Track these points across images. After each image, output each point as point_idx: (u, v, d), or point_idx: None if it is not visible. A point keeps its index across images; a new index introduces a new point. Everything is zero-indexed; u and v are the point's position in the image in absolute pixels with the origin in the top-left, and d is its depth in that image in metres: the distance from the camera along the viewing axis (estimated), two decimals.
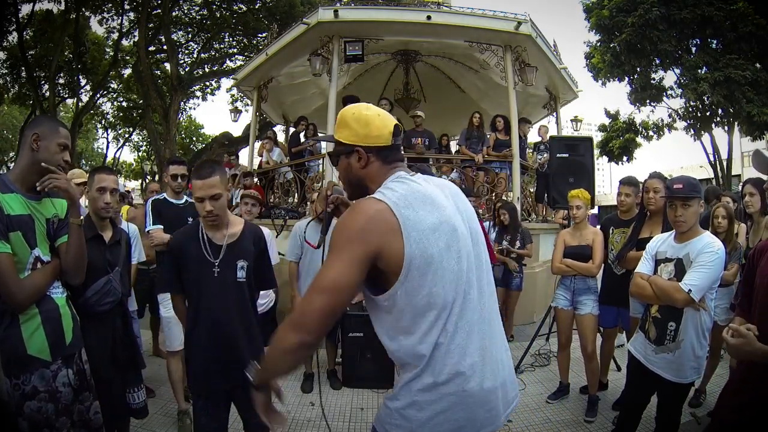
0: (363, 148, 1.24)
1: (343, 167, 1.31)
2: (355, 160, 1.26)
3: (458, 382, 1.13)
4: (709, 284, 2.07)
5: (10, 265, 1.58)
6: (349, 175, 1.30)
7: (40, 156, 1.69)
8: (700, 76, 13.40)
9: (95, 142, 32.27)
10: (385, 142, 1.25)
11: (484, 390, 1.16)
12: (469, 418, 1.15)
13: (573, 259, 3.24)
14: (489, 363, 1.19)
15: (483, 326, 1.20)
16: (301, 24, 6.29)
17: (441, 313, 1.13)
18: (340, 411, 3.30)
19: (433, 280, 1.12)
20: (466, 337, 1.15)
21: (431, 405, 1.13)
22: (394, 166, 1.27)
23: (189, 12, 17.35)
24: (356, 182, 1.29)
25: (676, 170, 24.98)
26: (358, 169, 1.26)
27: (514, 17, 6.23)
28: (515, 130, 6.55)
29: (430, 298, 1.12)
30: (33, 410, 1.61)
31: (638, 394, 2.40)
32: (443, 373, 1.13)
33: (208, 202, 1.90)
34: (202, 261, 1.97)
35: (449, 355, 1.13)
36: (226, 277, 1.98)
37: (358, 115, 1.26)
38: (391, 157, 1.27)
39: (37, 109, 17.42)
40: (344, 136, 1.27)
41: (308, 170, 6.83)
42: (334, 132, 1.31)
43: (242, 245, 2.06)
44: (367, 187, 1.27)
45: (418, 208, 1.14)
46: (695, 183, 2.18)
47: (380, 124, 1.25)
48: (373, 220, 1.11)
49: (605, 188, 42.97)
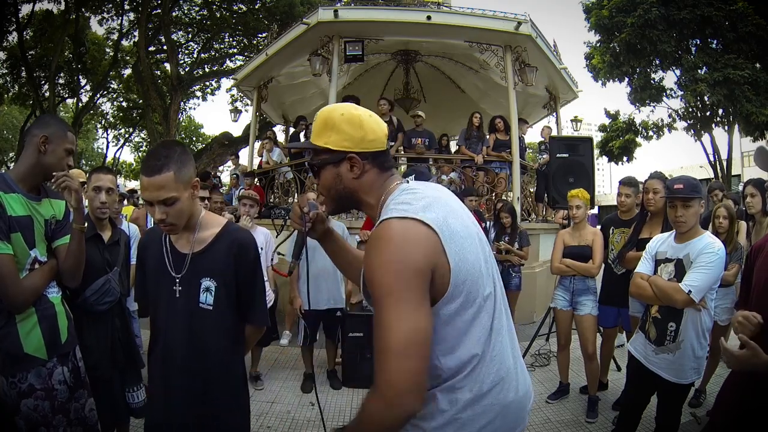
0: (358, 154, 1.07)
1: (328, 179, 1.11)
2: (347, 169, 1.08)
3: (499, 390, 1.05)
4: (710, 285, 2.06)
5: (11, 266, 1.59)
6: (337, 187, 1.10)
7: (47, 160, 1.70)
8: (700, 76, 13.42)
9: (95, 142, 32.28)
10: (381, 146, 1.10)
11: (519, 395, 1.10)
12: (508, 424, 1.09)
13: (572, 260, 3.24)
14: (520, 365, 1.14)
15: (510, 328, 1.13)
16: (301, 24, 6.30)
17: (483, 321, 1.04)
18: (340, 411, 3.30)
19: (475, 289, 1.01)
20: (502, 341, 1.08)
21: (475, 420, 1.03)
22: (390, 174, 1.12)
23: (189, 12, 17.37)
24: (345, 195, 1.11)
25: (676, 170, 24.98)
26: (350, 179, 1.09)
27: (514, 17, 6.23)
28: (515, 131, 6.55)
29: (474, 307, 1.02)
30: (29, 408, 1.62)
31: (638, 394, 2.40)
32: (486, 383, 1.03)
33: (157, 209, 1.37)
34: (161, 273, 1.49)
35: (492, 363, 1.04)
36: (188, 300, 1.46)
37: (348, 116, 1.08)
38: (387, 163, 1.12)
39: (37, 109, 17.43)
40: (333, 142, 1.07)
41: (308, 170, 6.82)
42: (316, 137, 1.10)
43: (212, 257, 1.49)
44: (360, 200, 1.12)
45: (447, 217, 1.01)
46: (695, 183, 2.18)
47: (374, 125, 1.09)
48: (419, 244, 0.95)
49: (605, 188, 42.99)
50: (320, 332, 3.76)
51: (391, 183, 1.10)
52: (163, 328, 1.49)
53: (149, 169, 1.36)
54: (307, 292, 2.13)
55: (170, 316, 1.47)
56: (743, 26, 12.93)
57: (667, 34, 13.65)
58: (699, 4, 13.10)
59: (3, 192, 1.62)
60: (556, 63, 7.15)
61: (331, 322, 3.71)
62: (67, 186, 1.70)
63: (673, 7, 13.31)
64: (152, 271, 1.53)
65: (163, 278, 1.48)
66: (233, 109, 13.12)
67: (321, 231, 1.32)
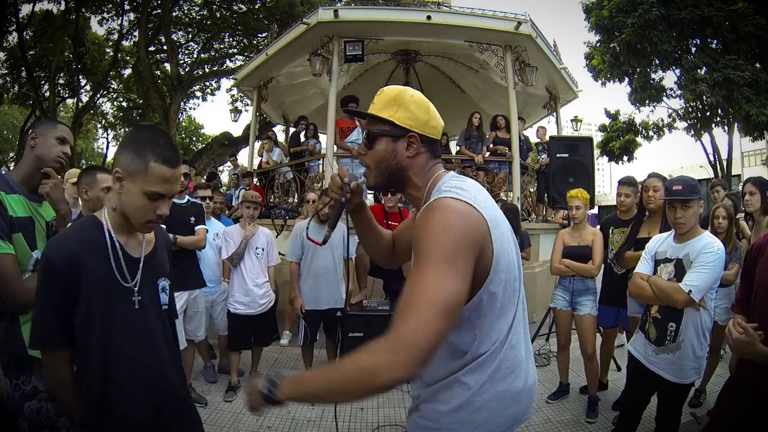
0: (419, 135, 1.12)
1: (382, 151, 1.14)
2: (404, 146, 1.12)
3: (513, 378, 1.10)
4: (710, 285, 2.07)
5: (13, 266, 1.59)
6: (389, 162, 1.14)
7: (38, 151, 1.71)
8: (700, 76, 13.40)
9: (95, 142, 32.27)
10: (437, 135, 1.17)
11: (528, 385, 1.15)
12: (517, 413, 1.14)
13: (572, 260, 3.24)
14: (531, 356, 1.20)
15: (526, 320, 1.19)
16: (301, 24, 6.29)
17: (511, 309, 1.10)
18: (340, 411, 3.30)
19: (511, 277, 1.08)
20: (520, 331, 1.14)
21: (488, 405, 1.08)
22: (438, 162, 1.19)
23: (189, 12, 17.37)
24: (396, 170, 1.14)
25: (676, 170, 24.99)
26: (405, 157, 1.13)
27: (514, 17, 6.23)
28: (515, 130, 6.55)
29: (508, 294, 1.07)
30: (33, 410, 1.61)
31: (638, 394, 2.40)
32: (502, 369, 1.09)
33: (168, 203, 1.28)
34: (113, 285, 1.25)
35: (511, 351, 1.10)
36: (147, 307, 1.31)
37: (418, 99, 1.15)
38: (438, 152, 1.19)
39: (37, 109, 17.44)
40: (398, 117, 1.12)
41: (308, 170, 6.83)
42: (380, 110, 1.14)
43: (161, 255, 1.42)
44: (407, 179, 1.16)
45: (490, 207, 1.07)
46: (694, 184, 2.18)
47: (436, 114, 1.17)
48: (473, 227, 0.99)
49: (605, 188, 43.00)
50: (320, 332, 3.76)
51: (438, 170, 1.17)
52: (124, 349, 1.25)
53: (176, 160, 1.23)
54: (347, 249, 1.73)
55: (133, 331, 1.26)
56: (743, 26, 12.92)
57: (667, 34, 13.63)
58: (699, 4, 13.09)
59: (4, 192, 1.62)
60: (556, 63, 7.15)
61: (331, 322, 3.71)
62: (42, 192, 1.68)
63: (673, 7, 13.29)
64: (97, 282, 1.22)
65: (116, 289, 1.25)
66: (233, 109, 13.13)
67: (356, 203, 1.32)
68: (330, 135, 6.18)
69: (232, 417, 3.15)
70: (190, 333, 3.30)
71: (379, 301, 3.93)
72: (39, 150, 1.71)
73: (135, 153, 1.20)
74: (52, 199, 1.69)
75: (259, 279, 3.57)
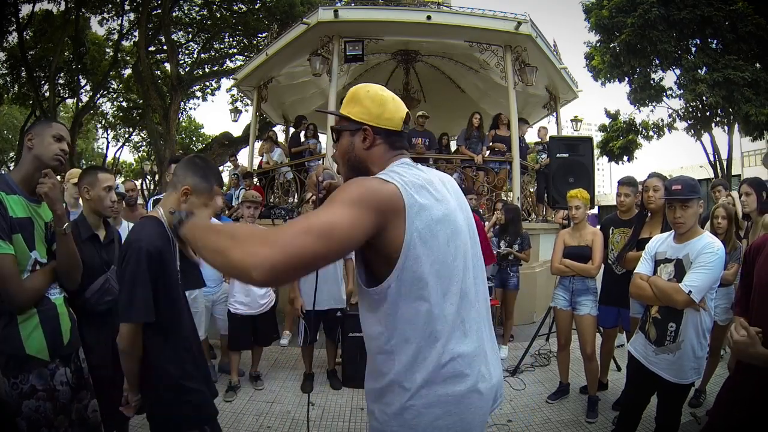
0: (372, 127, 1.18)
1: (344, 145, 1.23)
2: (360, 139, 1.19)
3: (458, 380, 1.08)
4: (710, 285, 2.06)
5: (12, 266, 1.59)
6: (350, 155, 1.22)
7: (36, 151, 1.72)
8: (699, 77, 13.40)
9: (95, 142, 32.27)
10: (395, 127, 1.21)
11: (481, 387, 1.11)
12: (470, 418, 1.10)
13: (572, 260, 3.24)
14: (488, 355, 1.17)
15: (482, 316, 1.19)
16: (301, 24, 6.30)
17: (447, 304, 1.08)
18: (340, 411, 3.30)
19: (429, 273, 1.05)
20: (469, 329, 1.12)
21: (428, 411, 1.07)
22: (399, 153, 1.22)
23: (189, 12, 17.36)
24: (356, 163, 1.21)
25: (676, 170, 24.99)
26: (361, 149, 1.20)
27: (514, 17, 6.24)
28: (515, 130, 6.55)
29: (433, 288, 1.06)
30: (31, 409, 1.62)
31: (638, 394, 2.40)
32: (440, 373, 1.07)
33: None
34: (173, 269, 1.65)
35: (453, 348, 1.08)
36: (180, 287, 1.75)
37: (373, 94, 1.21)
38: (398, 143, 1.22)
39: (37, 109, 17.43)
40: (354, 113, 1.20)
41: (308, 170, 6.83)
42: (343, 107, 1.24)
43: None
44: (368, 169, 1.20)
45: (424, 196, 1.08)
46: (694, 183, 2.18)
47: (393, 107, 1.21)
48: (382, 195, 1.03)
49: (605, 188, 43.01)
50: (320, 332, 3.76)
51: (396, 160, 1.20)
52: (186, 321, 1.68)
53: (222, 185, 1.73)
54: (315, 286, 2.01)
55: (180, 306, 1.65)
56: (743, 26, 12.91)
57: (667, 34, 13.63)
58: (699, 4, 13.08)
59: (4, 193, 1.63)
60: (556, 63, 7.15)
61: (331, 322, 3.72)
62: (39, 192, 1.69)
63: (673, 7, 13.29)
64: (173, 269, 1.62)
65: (174, 273, 1.64)
66: (233, 109, 13.12)
67: None
68: (330, 135, 6.17)
69: (232, 417, 3.15)
70: None
71: None
72: (37, 150, 1.72)
73: (203, 178, 1.61)
74: (50, 198, 1.69)
75: None
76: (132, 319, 1.48)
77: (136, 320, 1.48)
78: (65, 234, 1.74)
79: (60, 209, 1.72)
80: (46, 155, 1.72)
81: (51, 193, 1.68)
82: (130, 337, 1.50)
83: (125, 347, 1.50)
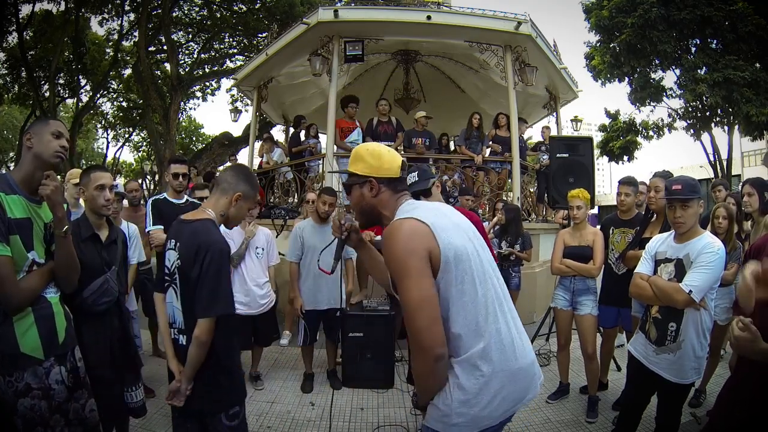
0: (375, 178, 1.42)
1: (356, 197, 1.47)
2: (368, 189, 1.43)
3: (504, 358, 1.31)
4: (710, 285, 2.06)
5: (9, 268, 1.59)
6: (362, 203, 1.46)
7: (36, 150, 1.71)
8: (699, 77, 13.40)
9: (95, 142, 32.28)
10: (394, 174, 1.44)
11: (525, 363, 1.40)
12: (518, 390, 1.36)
13: (573, 260, 3.23)
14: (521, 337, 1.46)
15: (508, 304, 1.41)
16: (301, 24, 6.29)
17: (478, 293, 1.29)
18: (340, 411, 3.29)
19: (468, 266, 1.28)
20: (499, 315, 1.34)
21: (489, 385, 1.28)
22: (402, 194, 1.45)
23: (189, 12, 17.38)
24: (368, 209, 1.46)
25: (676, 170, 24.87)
26: (370, 197, 1.43)
27: (514, 17, 6.23)
28: (515, 130, 6.55)
29: (467, 281, 1.28)
30: (26, 408, 1.62)
31: (638, 394, 2.40)
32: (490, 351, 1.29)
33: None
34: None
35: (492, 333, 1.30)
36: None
37: (371, 150, 1.45)
38: (400, 187, 1.46)
39: (37, 109, 17.44)
40: (359, 169, 1.44)
41: (308, 170, 6.83)
42: (350, 165, 1.48)
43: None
44: (380, 213, 1.45)
45: (436, 216, 1.32)
46: (694, 183, 2.18)
47: (390, 158, 1.44)
48: (413, 230, 1.27)
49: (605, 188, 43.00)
50: (320, 332, 3.76)
51: (402, 201, 1.44)
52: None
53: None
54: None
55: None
56: (743, 26, 12.91)
57: (667, 34, 13.63)
58: (699, 4, 13.08)
59: (4, 193, 1.62)
60: (556, 63, 7.15)
61: (331, 322, 3.71)
62: (41, 194, 1.68)
63: (673, 8, 13.29)
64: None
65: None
66: (233, 109, 13.14)
67: (356, 240, 1.64)
68: (330, 135, 6.18)
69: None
70: None
71: (379, 302, 3.93)
72: (36, 148, 1.71)
73: (252, 187, 1.89)
74: (52, 201, 1.68)
75: (259, 279, 3.57)
76: (218, 312, 1.66)
77: (222, 312, 1.68)
78: (64, 237, 1.73)
79: (61, 212, 1.71)
80: (46, 153, 1.71)
81: (53, 195, 1.67)
82: (211, 330, 1.66)
83: (207, 340, 1.65)
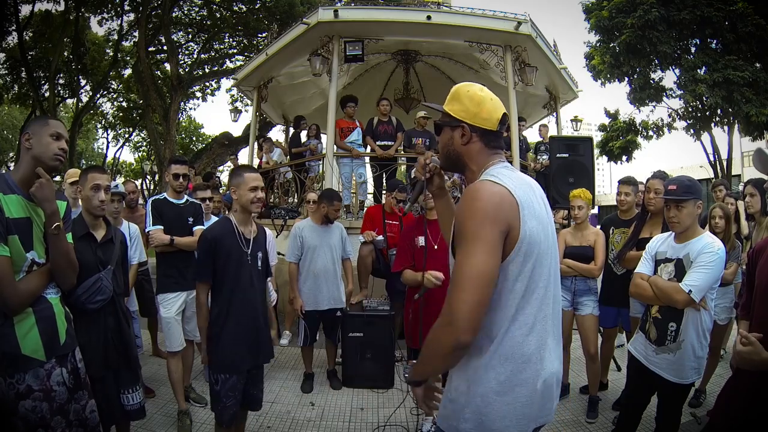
0: (469, 125, 1.27)
1: (444, 139, 1.33)
2: (459, 135, 1.29)
3: (539, 358, 1.17)
4: (710, 284, 2.06)
5: (7, 268, 1.58)
6: (449, 148, 1.32)
7: (35, 151, 1.69)
8: (699, 77, 13.39)
9: (95, 142, 32.30)
10: (491, 126, 1.28)
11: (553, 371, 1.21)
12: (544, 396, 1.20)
13: (574, 260, 3.23)
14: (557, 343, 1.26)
15: (557, 309, 1.26)
16: (301, 24, 6.28)
17: (539, 288, 1.18)
18: (340, 411, 3.29)
19: (531, 266, 1.16)
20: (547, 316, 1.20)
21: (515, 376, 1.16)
22: (495, 152, 1.30)
23: (189, 12, 17.36)
24: (454, 156, 1.32)
25: (676, 170, 24.97)
26: (459, 144, 1.29)
27: (514, 17, 6.23)
28: (515, 131, 6.55)
29: (534, 274, 1.16)
30: (27, 409, 1.61)
31: (638, 394, 2.40)
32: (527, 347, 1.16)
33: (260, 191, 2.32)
34: (238, 250, 2.27)
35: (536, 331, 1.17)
36: (252, 263, 2.32)
37: (472, 94, 1.30)
38: (494, 143, 1.30)
39: (37, 109, 17.42)
40: (453, 110, 1.30)
41: (308, 170, 6.83)
42: (446, 103, 1.33)
43: (260, 239, 2.46)
44: (465, 164, 1.31)
45: (528, 195, 1.19)
46: (690, 184, 2.17)
47: (491, 107, 1.29)
48: (501, 200, 1.13)
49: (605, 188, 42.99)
50: (320, 332, 3.75)
51: (493, 159, 1.28)
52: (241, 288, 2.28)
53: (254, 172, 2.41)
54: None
55: (243, 273, 2.27)
56: (743, 26, 12.89)
57: (667, 34, 13.61)
58: (699, 5, 13.06)
59: (2, 193, 1.61)
60: (556, 63, 7.14)
61: (331, 322, 3.71)
62: (32, 192, 1.67)
63: (673, 8, 13.27)
64: (228, 251, 2.24)
65: (237, 252, 2.27)
66: (233, 109, 13.12)
67: (437, 184, 1.51)
68: (330, 135, 6.18)
69: None
70: (189, 333, 3.29)
71: (380, 302, 3.93)
72: (36, 150, 1.69)
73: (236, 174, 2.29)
74: (37, 198, 1.67)
75: None
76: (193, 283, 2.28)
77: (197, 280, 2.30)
78: (57, 234, 1.72)
79: (49, 208, 1.69)
80: (45, 155, 1.70)
81: (38, 192, 1.65)
82: (199, 293, 2.32)
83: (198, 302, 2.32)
